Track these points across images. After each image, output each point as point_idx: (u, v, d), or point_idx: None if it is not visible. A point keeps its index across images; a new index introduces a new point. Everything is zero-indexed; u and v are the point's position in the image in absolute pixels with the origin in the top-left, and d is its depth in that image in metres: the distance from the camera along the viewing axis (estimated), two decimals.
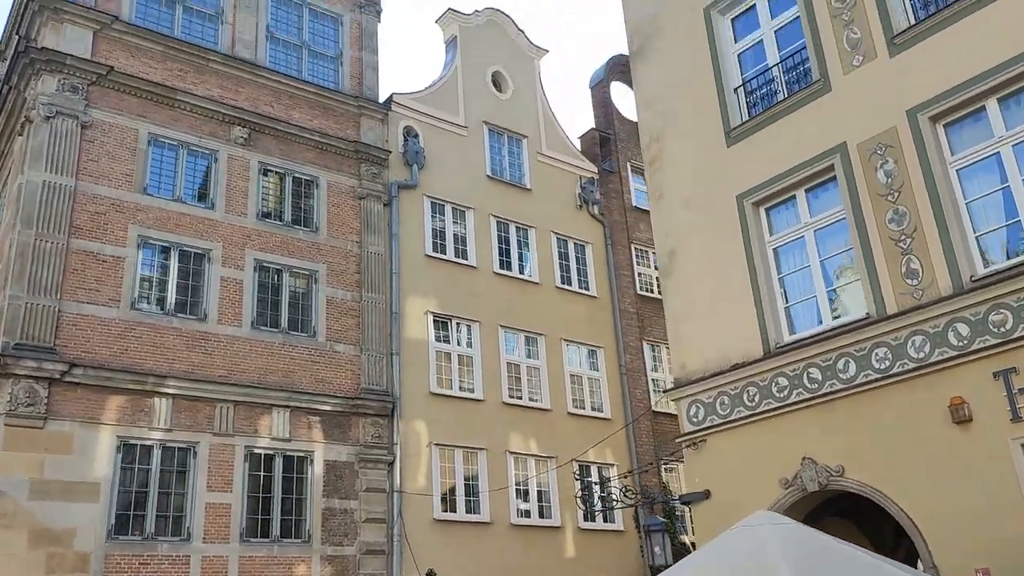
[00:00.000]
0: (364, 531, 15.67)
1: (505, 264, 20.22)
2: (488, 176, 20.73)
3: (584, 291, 21.51)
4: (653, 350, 22.54)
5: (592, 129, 24.23)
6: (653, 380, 22.12)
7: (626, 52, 26.01)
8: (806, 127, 10.48)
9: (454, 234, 19.64)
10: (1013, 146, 8.72)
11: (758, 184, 10.86)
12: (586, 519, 19.06)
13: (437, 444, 17.36)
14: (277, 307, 16.31)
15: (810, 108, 10.52)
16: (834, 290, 10.10)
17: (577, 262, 21.84)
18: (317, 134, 17.72)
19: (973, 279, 8.65)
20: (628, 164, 24.33)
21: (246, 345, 15.61)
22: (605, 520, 19.43)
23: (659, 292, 23.52)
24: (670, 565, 11.08)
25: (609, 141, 24.11)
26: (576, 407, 20.05)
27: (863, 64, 10.03)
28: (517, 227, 20.86)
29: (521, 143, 21.88)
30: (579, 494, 11.17)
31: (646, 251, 23.66)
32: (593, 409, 20.42)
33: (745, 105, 11.44)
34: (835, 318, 9.94)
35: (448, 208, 19.71)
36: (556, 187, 22.07)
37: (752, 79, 11.43)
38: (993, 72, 8.81)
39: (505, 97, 21.99)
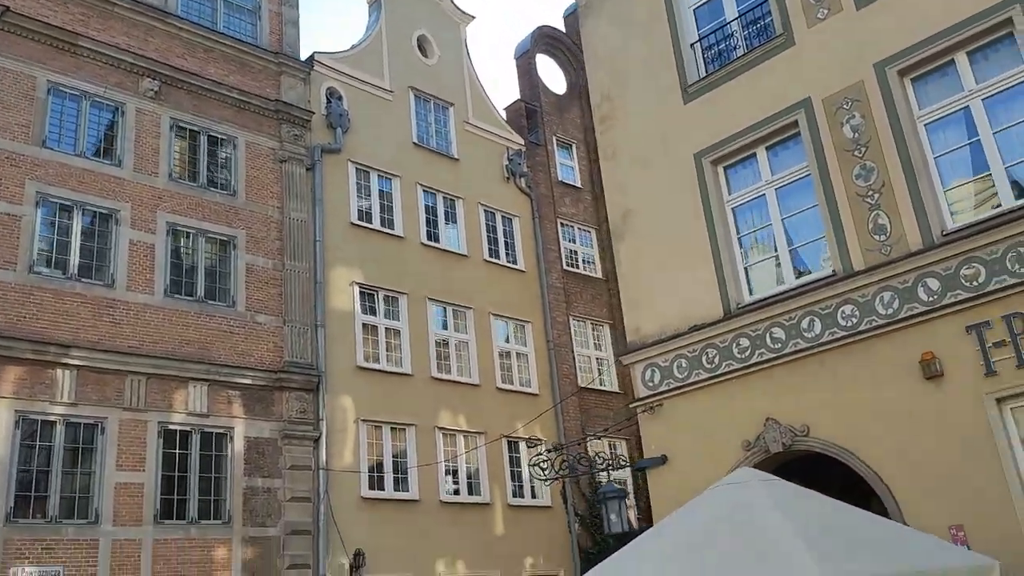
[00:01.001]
0: (288, 511, 14.77)
1: (432, 235, 19.51)
2: (414, 143, 19.94)
3: (512, 265, 21.02)
4: (579, 326, 22.28)
5: (518, 100, 23.70)
6: (579, 356, 21.85)
7: (552, 23, 25.68)
8: (768, 82, 10.21)
9: (380, 203, 18.80)
10: (983, 100, 8.61)
11: (717, 142, 10.55)
12: (514, 495, 18.67)
13: (364, 420, 16.57)
14: (192, 274, 15.18)
15: (772, 63, 10.25)
16: (796, 249, 9.87)
17: (505, 235, 21.31)
18: (235, 91, 16.58)
19: (944, 234, 8.52)
20: (554, 138, 23.92)
21: (159, 314, 14.45)
22: (533, 496, 19.08)
23: (585, 268, 23.30)
24: (628, 532, 10.73)
25: (536, 113, 23.64)
26: (504, 382, 19.56)
27: (828, 17, 9.81)
28: (444, 197, 20.15)
29: (447, 111, 21.15)
30: (537, 463, 10.65)
31: (572, 226, 23.37)
32: (521, 384, 19.97)
33: (702, 61, 11.11)
34: (798, 277, 9.71)
35: (374, 175, 18.85)
36: (483, 158, 21.45)
37: (709, 34, 11.09)
38: (963, 25, 8.68)
39: (431, 63, 21.20)
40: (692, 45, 11.21)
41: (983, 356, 8.01)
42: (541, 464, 10.41)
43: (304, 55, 18.42)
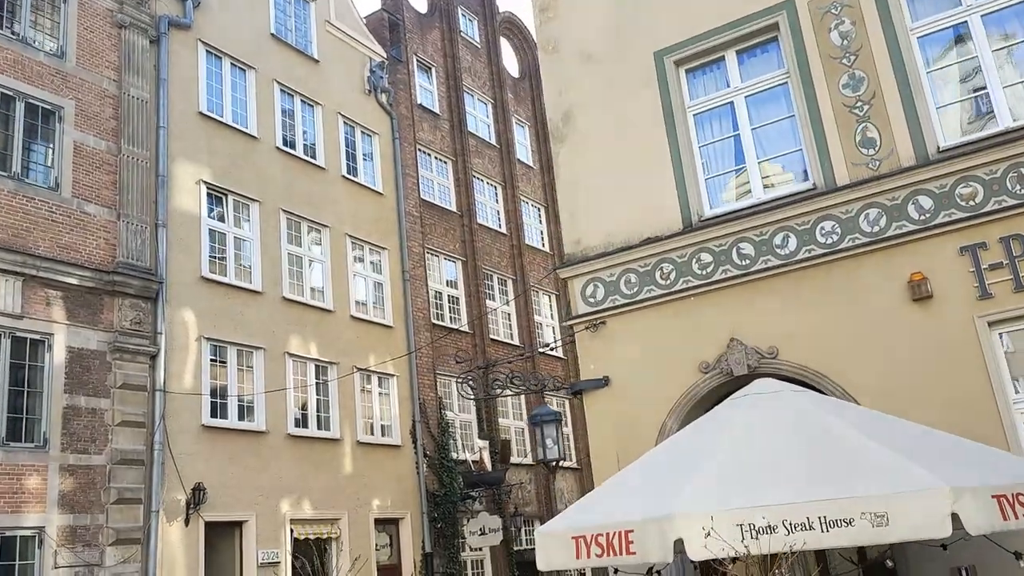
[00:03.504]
0: (117, 436, 12.51)
1: (289, 141, 17.39)
2: (272, 35, 17.65)
3: (370, 185, 19.28)
4: (432, 259, 20.95)
5: (381, 10, 21.79)
6: (434, 291, 20.56)
7: None
8: None
9: (233, 95, 16.41)
10: (982, 16, 8.25)
11: (682, 41, 9.60)
12: (365, 432, 17.17)
13: (208, 338, 14.43)
14: (7, 145, 12.36)
15: None
16: (765, 161, 9.18)
17: (363, 153, 19.49)
18: None
19: (940, 150, 8.09)
20: (414, 57, 22.25)
21: None
22: (383, 435, 17.70)
23: (440, 200, 21.94)
24: (562, 459, 9.74)
25: (399, 27, 21.84)
26: (359, 311, 17.91)
27: None
28: (303, 101, 18.04)
29: (308, 6, 18.96)
30: (466, 380, 9.34)
31: (430, 155, 21.93)
32: (375, 315, 18.40)
33: None
34: (767, 190, 9.03)
35: (226, 63, 16.43)
36: (344, 65, 19.46)
37: None
38: None
39: None
40: None
41: (977, 278, 7.65)
42: (470, 382, 9.14)
43: None
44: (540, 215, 25.94)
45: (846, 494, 4.75)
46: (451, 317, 21.04)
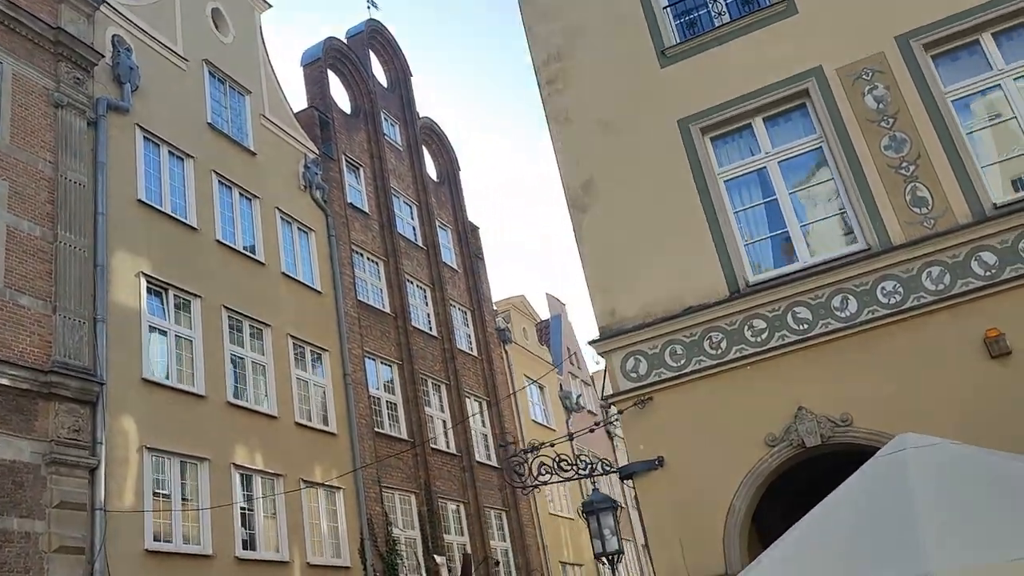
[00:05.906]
0: (53, 565, 10.60)
1: (228, 234, 16.19)
2: (209, 124, 16.68)
3: (308, 283, 18.13)
4: (370, 363, 19.74)
5: (311, 107, 21.18)
6: (373, 397, 19.27)
7: (340, 37, 23.60)
8: (766, 50, 9.37)
9: (171, 184, 15.22)
10: (1015, 79, 8.46)
11: (705, 109, 9.45)
12: (316, 553, 15.45)
13: (151, 449, 12.72)
14: None
15: (770, 31, 9.45)
16: (808, 225, 8.97)
17: (301, 249, 18.43)
18: (4, 3, 12.49)
19: (997, 206, 8.06)
20: (344, 156, 21.64)
21: None
22: (332, 555, 16.01)
23: (375, 300, 20.94)
24: (622, 552, 8.76)
25: (329, 125, 21.24)
26: (302, 417, 16.45)
27: None
28: (241, 193, 16.97)
29: (243, 99, 18.16)
30: (513, 467, 8.31)
31: (363, 254, 21.03)
32: (319, 421, 16.95)
33: (676, 27, 10.07)
34: (812, 255, 8.77)
35: (164, 150, 15.33)
36: (280, 159, 18.62)
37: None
38: (990, 5, 8.55)
39: (226, 40, 18.18)
40: (665, 8, 10.16)
41: None
42: (517, 468, 8.11)
43: None
44: (467, 319, 25.23)
45: None
46: (390, 424, 19.72)
